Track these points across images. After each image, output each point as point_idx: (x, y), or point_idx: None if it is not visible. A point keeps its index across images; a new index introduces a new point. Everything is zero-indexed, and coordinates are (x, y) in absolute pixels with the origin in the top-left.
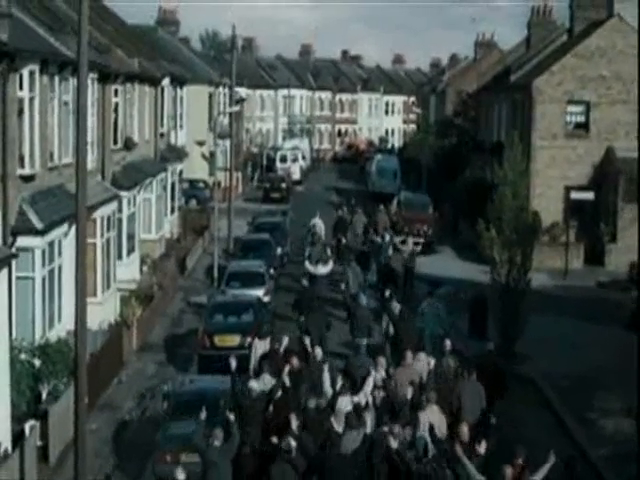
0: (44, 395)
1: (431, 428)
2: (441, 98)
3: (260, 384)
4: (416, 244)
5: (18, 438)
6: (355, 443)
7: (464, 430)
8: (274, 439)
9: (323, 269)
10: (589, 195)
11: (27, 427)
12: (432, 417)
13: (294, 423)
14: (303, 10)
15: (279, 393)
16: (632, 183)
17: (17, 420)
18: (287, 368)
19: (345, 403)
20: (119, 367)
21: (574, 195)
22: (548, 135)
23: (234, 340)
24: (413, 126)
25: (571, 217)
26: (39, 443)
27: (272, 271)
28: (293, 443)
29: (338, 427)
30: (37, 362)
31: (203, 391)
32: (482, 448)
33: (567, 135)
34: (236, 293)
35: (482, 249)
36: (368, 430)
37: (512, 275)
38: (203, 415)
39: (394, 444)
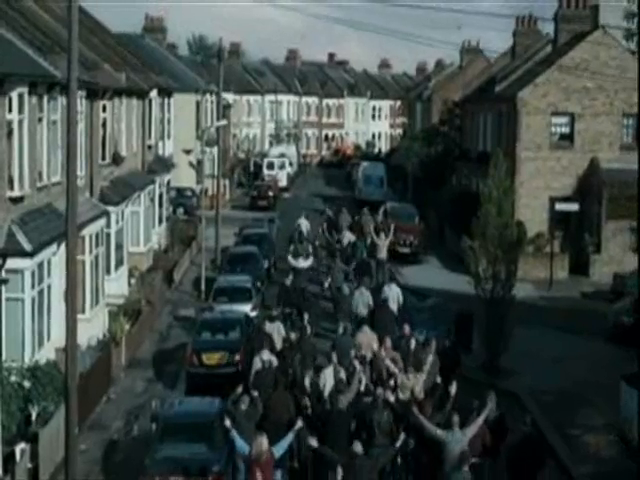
0: (34, 417)
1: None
2: (427, 105)
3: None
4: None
5: (8, 461)
6: (346, 402)
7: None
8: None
9: (304, 263)
10: (574, 206)
11: (17, 450)
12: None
13: (307, 381)
14: (288, 10)
15: (275, 364)
16: (617, 197)
17: (7, 443)
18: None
19: (330, 373)
20: (108, 384)
21: (559, 206)
22: (533, 146)
23: (222, 358)
24: (400, 130)
25: (556, 228)
26: (29, 465)
27: (259, 284)
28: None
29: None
30: (27, 384)
31: (192, 413)
32: (453, 389)
33: (552, 146)
34: (224, 309)
35: (467, 265)
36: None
37: (497, 291)
38: (240, 390)
39: (391, 397)
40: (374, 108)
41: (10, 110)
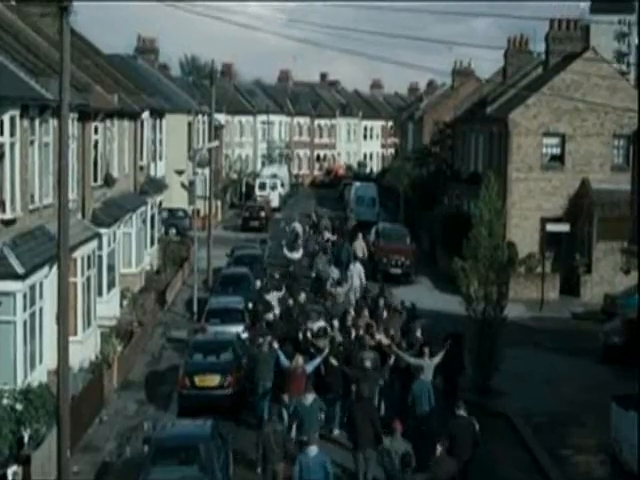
0: (26, 439)
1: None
2: (419, 126)
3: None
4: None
5: None
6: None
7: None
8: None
9: (297, 255)
10: (565, 227)
11: (10, 473)
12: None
13: (315, 327)
14: (280, 29)
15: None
16: (607, 218)
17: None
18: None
19: (318, 325)
20: (100, 406)
21: (550, 227)
22: (524, 167)
23: (214, 380)
24: (392, 150)
25: (547, 248)
26: None
27: (251, 306)
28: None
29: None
30: (19, 407)
31: (184, 436)
32: (418, 332)
33: (543, 167)
34: (216, 330)
35: (459, 285)
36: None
37: (488, 311)
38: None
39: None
40: (366, 128)
41: (2, 133)
